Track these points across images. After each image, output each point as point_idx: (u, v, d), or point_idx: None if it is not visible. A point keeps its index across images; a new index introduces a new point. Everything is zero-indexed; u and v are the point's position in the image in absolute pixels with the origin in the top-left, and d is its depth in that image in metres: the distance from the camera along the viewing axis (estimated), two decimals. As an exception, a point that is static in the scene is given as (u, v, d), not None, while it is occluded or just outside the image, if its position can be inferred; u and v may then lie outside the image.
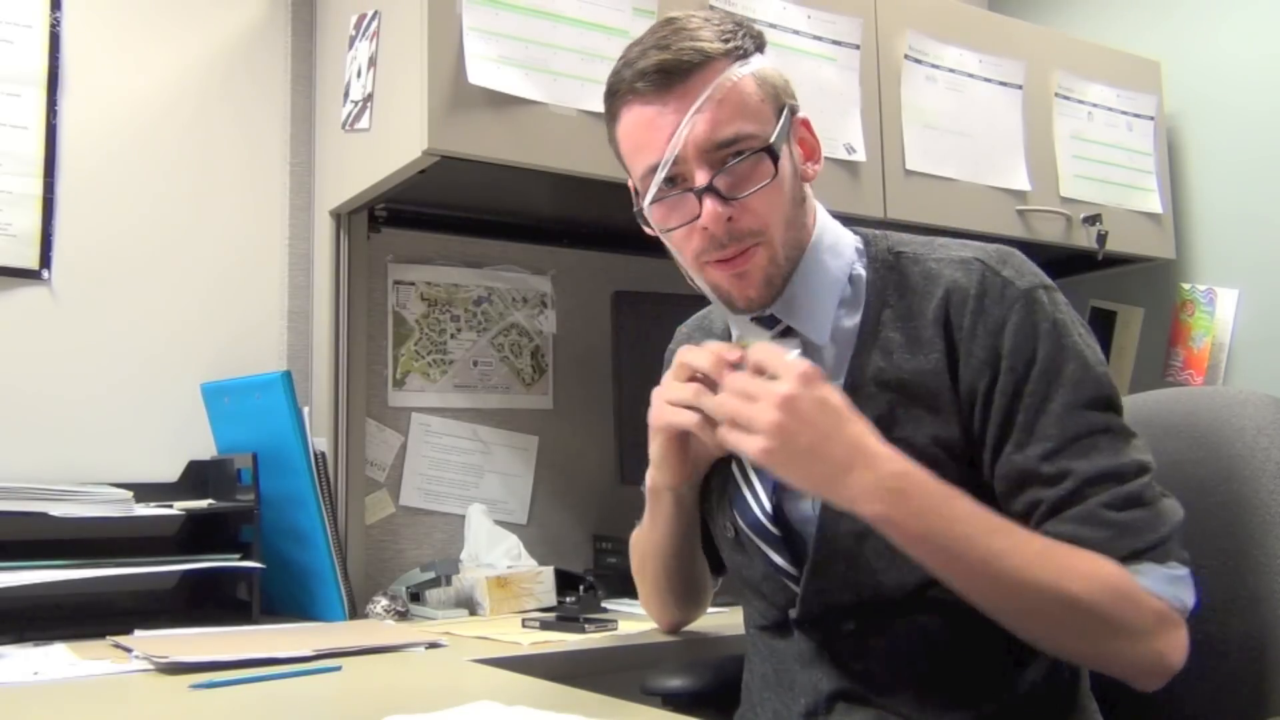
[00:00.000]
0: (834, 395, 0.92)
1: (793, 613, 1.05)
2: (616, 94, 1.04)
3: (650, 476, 1.18)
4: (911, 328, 1.02)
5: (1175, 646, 0.90)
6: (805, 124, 1.08)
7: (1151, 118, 2.31)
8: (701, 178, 0.99)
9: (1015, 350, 0.96)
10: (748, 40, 1.04)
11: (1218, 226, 2.32)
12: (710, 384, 1.00)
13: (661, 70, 1.00)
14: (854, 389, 1.01)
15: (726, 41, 1.01)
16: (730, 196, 0.99)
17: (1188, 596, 0.91)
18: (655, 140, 1.00)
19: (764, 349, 0.95)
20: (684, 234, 1.02)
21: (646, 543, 1.27)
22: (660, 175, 1.00)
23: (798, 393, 0.90)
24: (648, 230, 1.06)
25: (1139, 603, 0.89)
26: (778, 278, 1.04)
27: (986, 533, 0.91)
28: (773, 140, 1.00)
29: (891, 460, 0.91)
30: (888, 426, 0.97)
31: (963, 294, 0.99)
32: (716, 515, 1.17)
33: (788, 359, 0.93)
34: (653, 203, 1.02)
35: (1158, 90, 2.33)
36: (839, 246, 1.08)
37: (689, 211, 1.00)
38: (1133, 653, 0.90)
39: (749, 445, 0.91)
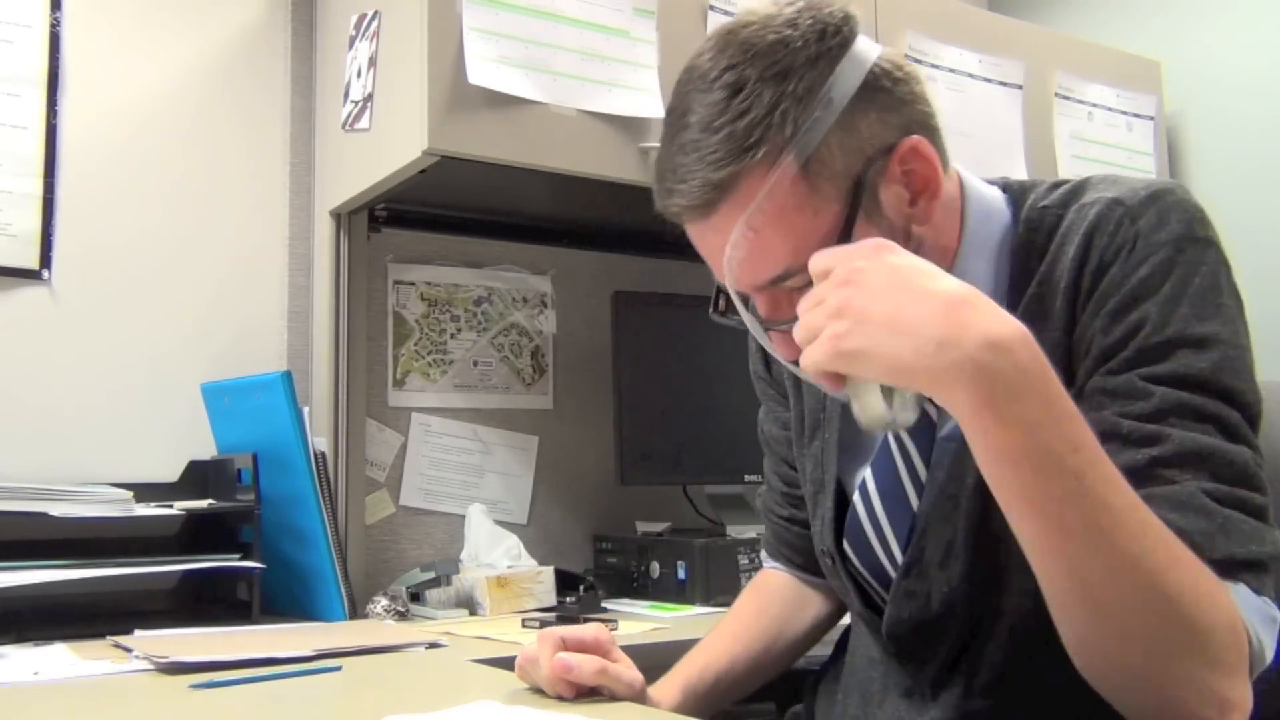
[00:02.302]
0: (914, 257, 0.74)
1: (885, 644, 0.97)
2: (660, 205, 0.89)
3: None
4: (1039, 298, 0.86)
5: (1241, 699, 0.70)
6: (915, 151, 0.84)
7: (1151, 118, 2.31)
8: (764, 310, 0.88)
9: (1127, 307, 0.80)
10: (787, 104, 0.81)
11: (1217, 226, 2.32)
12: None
13: (685, 210, 0.86)
14: None
15: (750, 135, 0.80)
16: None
17: (1271, 647, 0.73)
18: (712, 264, 0.88)
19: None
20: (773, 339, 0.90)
21: None
22: (721, 303, 0.90)
23: (865, 263, 0.74)
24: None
25: (1234, 627, 0.70)
26: None
27: (1093, 461, 0.69)
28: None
29: (985, 321, 0.69)
30: None
31: (1092, 253, 0.83)
32: (811, 510, 1.06)
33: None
34: (733, 314, 0.90)
35: (1158, 90, 2.33)
36: (989, 239, 0.91)
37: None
38: (1199, 686, 0.70)
39: (816, 354, 0.73)
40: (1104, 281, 0.82)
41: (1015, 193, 0.93)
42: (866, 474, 0.96)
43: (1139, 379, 0.78)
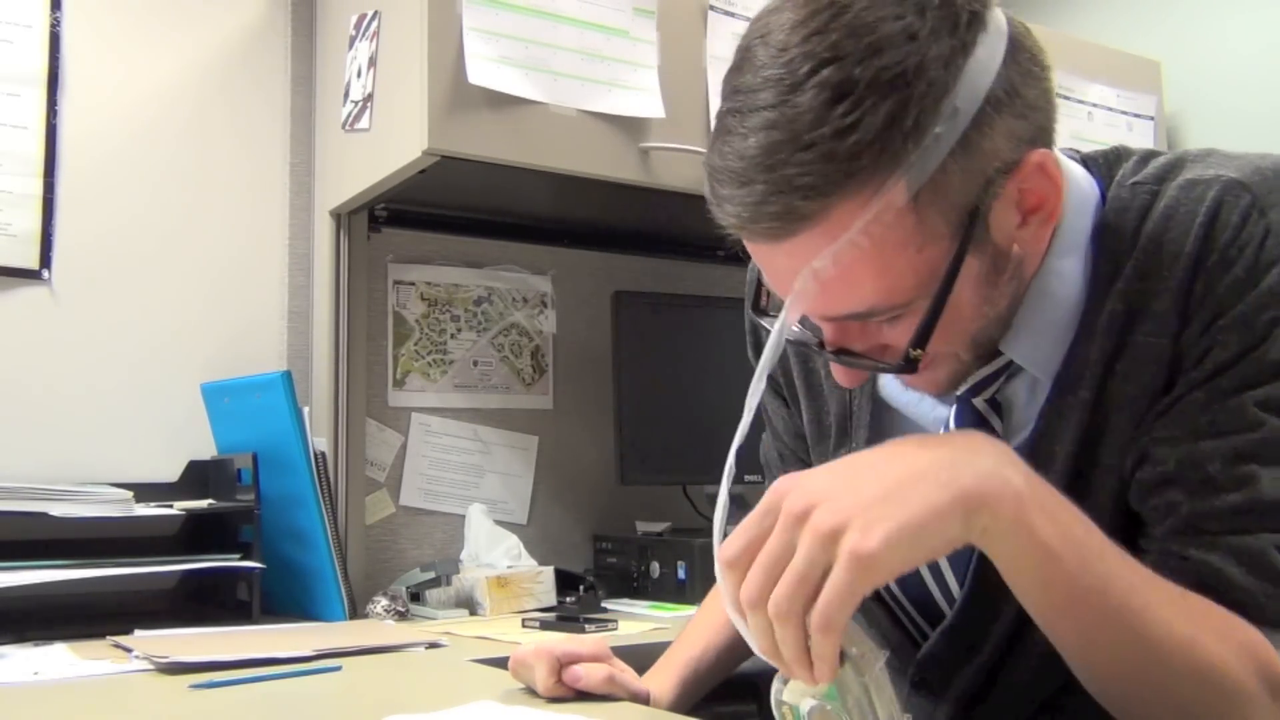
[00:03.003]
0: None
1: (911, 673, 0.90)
2: (712, 205, 0.73)
3: None
4: (1138, 295, 0.74)
5: None
6: (1041, 169, 0.71)
7: (1151, 118, 2.31)
8: (828, 337, 0.75)
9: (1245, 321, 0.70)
10: (908, 121, 0.64)
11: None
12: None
13: (753, 234, 0.71)
14: (1052, 411, 0.76)
15: (854, 160, 0.64)
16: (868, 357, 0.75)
17: None
18: (773, 280, 0.74)
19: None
20: None
21: None
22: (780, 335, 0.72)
23: (806, 487, 0.64)
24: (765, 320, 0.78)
25: (1272, 677, 0.66)
26: (976, 364, 0.79)
27: (1103, 538, 0.67)
28: (935, 294, 0.70)
29: (966, 435, 0.67)
30: (1087, 446, 0.75)
31: (1212, 248, 0.71)
32: None
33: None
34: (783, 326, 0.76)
35: (1158, 90, 2.33)
36: (1082, 232, 0.78)
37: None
38: None
39: (838, 587, 0.60)
40: (1223, 284, 0.71)
41: (1100, 168, 0.81)
42: None
43: (1251, 403, 0.69)
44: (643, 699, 0.94)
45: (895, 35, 0.65)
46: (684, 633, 1.11)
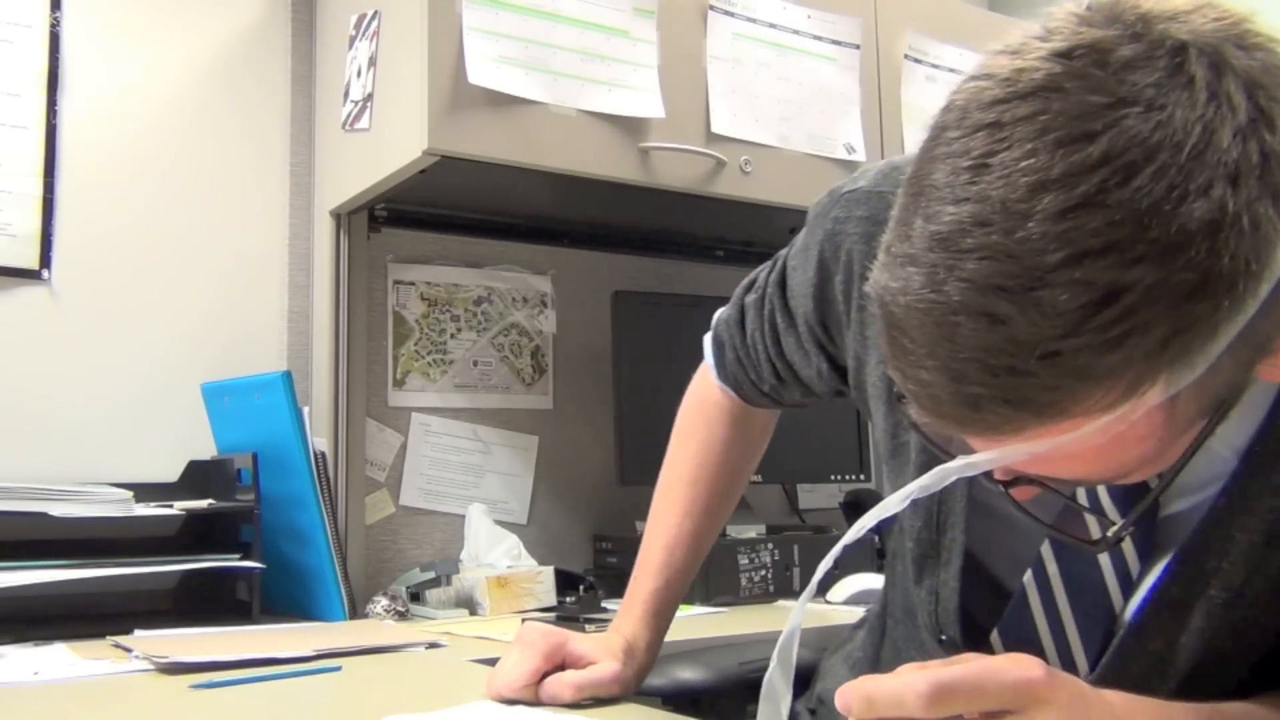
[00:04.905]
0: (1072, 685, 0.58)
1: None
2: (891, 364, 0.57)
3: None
4: None
5: None
6: None
7: (1151, 118, 2.31)
8: (1000, 471, 0.60)
9: None
10: (1193, 334, 0.48)
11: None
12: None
13: (960, 428, 0.55)
14: (1230, 507, 0.64)
15: (1111, 376, 0.49)
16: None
17: None
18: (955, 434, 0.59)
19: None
20: None
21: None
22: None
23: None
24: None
25: None
26: None
27: None
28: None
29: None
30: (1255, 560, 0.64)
31: None
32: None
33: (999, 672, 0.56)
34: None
35: (1158, 90, 2.33)
36: None
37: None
38: None
39: None
40: None
41: None
42: (1045, 553, 0.73)
43: None
44: (619, 680, 0.95)
45: (1197, 224, 0.46)
46: (642, 564, 1.13)
